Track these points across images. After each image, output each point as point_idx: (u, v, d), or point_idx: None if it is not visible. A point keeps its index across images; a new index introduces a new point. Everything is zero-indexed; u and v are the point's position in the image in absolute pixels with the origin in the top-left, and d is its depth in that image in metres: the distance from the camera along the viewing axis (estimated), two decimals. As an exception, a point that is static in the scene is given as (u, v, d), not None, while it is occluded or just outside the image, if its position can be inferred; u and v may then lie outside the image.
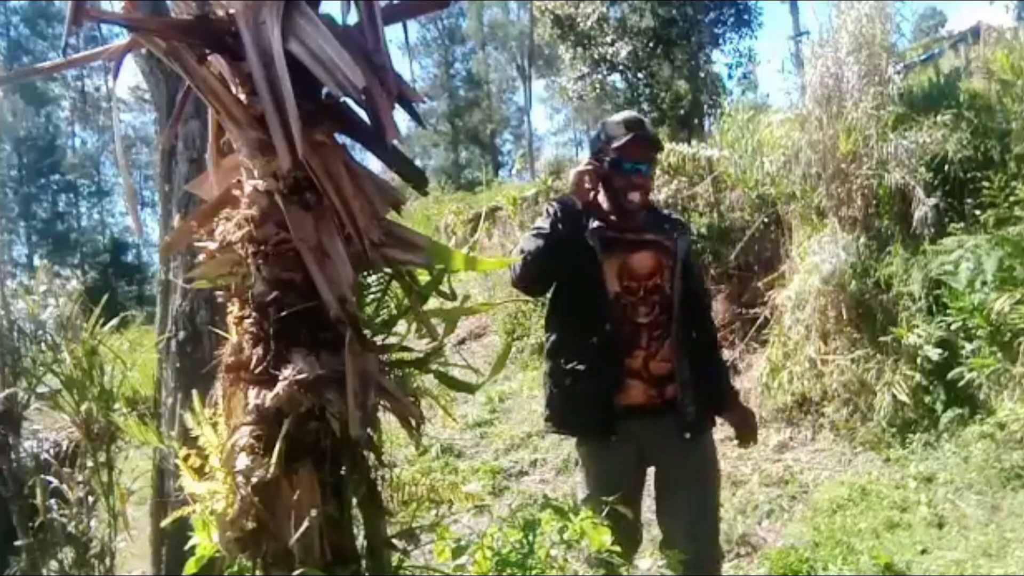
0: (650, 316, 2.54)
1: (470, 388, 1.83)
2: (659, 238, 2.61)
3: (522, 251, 2.54)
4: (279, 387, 1.40)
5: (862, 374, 4.92)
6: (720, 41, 12.52)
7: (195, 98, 1.52)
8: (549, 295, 2.68)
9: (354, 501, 1.53)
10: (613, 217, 2.60)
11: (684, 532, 2.46)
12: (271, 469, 1.38)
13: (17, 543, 2.69)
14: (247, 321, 1.49)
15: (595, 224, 2.55)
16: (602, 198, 2.63)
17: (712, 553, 2.61)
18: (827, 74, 5.68)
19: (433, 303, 1.70)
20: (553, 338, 2.63)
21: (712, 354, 2.73)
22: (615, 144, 2.55)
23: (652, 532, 2.72)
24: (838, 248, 5.17)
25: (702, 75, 12.08)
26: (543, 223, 2.57)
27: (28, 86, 31.37)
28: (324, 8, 1.51)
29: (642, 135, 2.58)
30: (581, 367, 2.49)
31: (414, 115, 1.53)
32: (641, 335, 2.52)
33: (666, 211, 3.05)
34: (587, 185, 2.56)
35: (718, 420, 2.69)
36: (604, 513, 2.30)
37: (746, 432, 2.72)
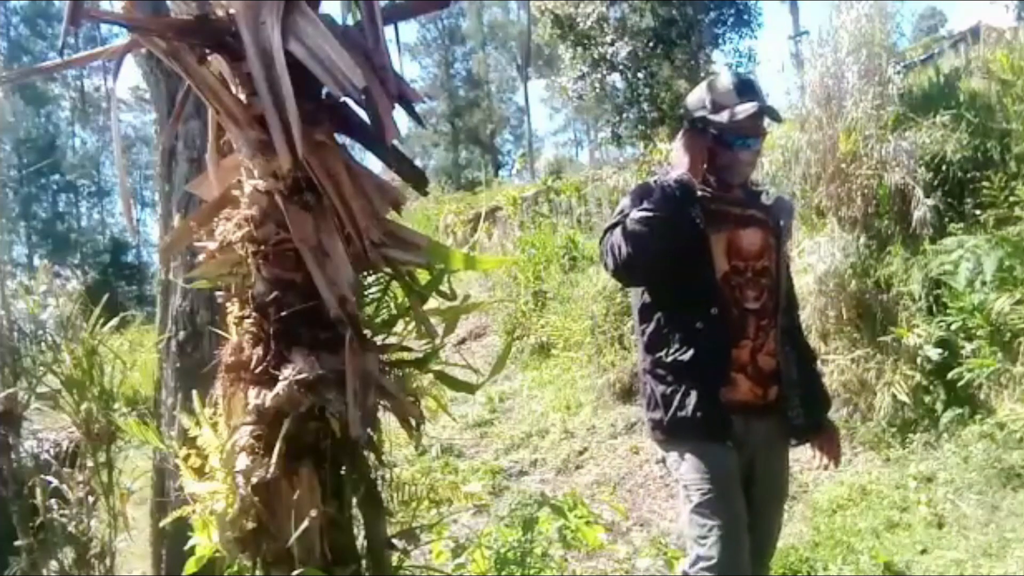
0: (759, 301, 2.22)
1: (470, 388, 1.83)
2: (761, 214, 2.28)
3: (626, 238, 2.13)
4: (279, 387, 1.40)
5: (862, 374, 4.91)
6: (720, 41, 12.58)
7: (195, 98, 1.52)
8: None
9: (354, 501, 1.53)
10: (711, 188, 2.27)
11: (756, 551, 2.20)
12: (271, 469, 1.38)
13: (17, 543, 2.69)
14: (247, 321, 1.49)
15: (699, 194, 2.22)
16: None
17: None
18: (827, 74, 5.67)
19: (433, 303, 1.70)
20: (650, 329, 2.26)
21: (811, 354, 2.47)
22: (725, 114, 2.17)
23: (651, 531, 2.72)
24: (833, 248, 5.16)
25: (702, 75, 12.09)
26: (628, 204, 2.20)
27: (28, 86, 31.32)
28: (324, 8, 1.51)
29: (762, 107, 2.19)
30: (684, 357, 2.17)
31: (414, 115, 1.53)
32: (749, 323, 2.20)
33: (761, 186, 2.59)
34: (702, 160, 2.22)
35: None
36: (731, 520, 2.12)
37: (833, 451, 2.42)
